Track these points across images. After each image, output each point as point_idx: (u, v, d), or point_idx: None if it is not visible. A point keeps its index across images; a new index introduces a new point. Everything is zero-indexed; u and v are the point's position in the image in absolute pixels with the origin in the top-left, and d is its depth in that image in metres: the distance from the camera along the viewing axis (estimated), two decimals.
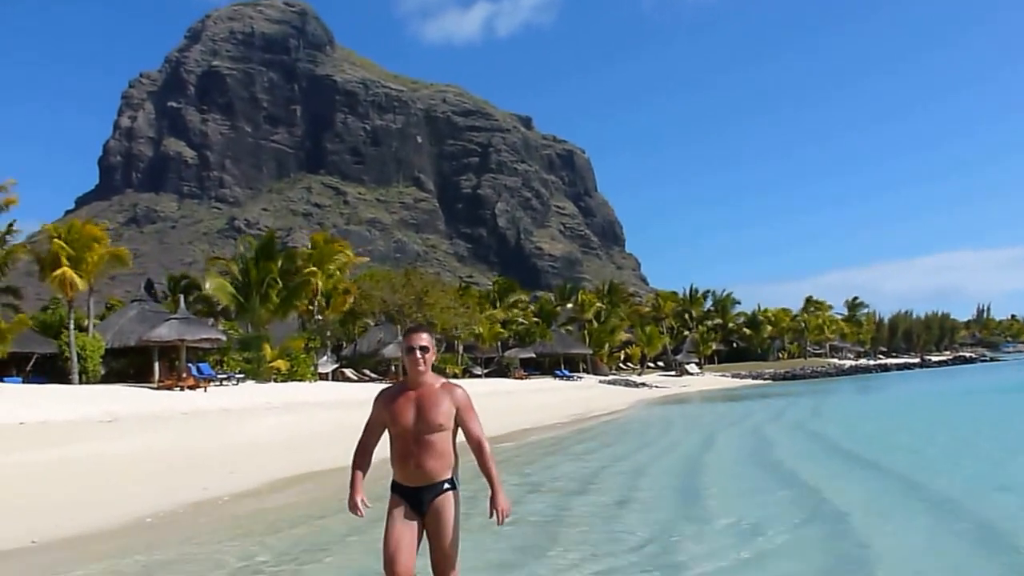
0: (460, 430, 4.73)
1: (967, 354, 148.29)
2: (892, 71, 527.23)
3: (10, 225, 35.69)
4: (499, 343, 78.25)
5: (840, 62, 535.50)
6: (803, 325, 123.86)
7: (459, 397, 4.71)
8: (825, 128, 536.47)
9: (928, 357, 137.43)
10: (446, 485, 4.64)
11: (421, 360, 4.68)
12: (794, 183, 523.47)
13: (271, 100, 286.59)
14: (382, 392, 4.93)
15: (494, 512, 4.57)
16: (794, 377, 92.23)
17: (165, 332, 40.87)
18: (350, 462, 4.84)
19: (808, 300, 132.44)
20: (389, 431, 4.74)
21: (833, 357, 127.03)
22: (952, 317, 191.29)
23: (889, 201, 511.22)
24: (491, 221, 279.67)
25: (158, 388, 37.35)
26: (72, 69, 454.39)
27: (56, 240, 37.39)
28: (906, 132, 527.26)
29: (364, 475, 4.85)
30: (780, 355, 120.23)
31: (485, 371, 73.84)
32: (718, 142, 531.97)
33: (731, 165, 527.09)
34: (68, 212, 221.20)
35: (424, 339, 4.74)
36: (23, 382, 36.28)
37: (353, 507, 4.76)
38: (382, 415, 4.76)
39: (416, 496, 4.63)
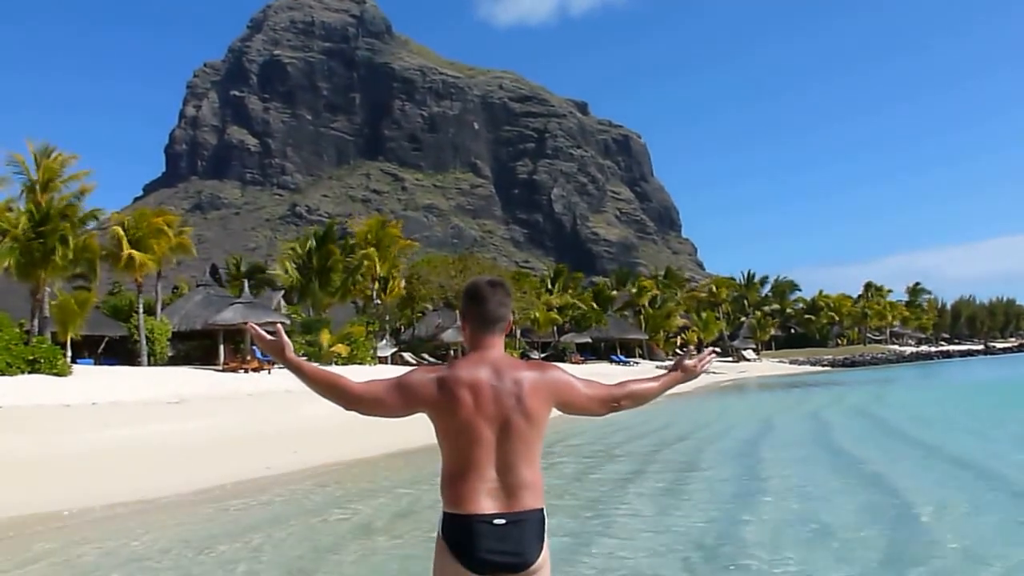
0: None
1: None
2: (958, 35, 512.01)
3: (91, 212, 36.67)
4: (555, 328, 78.39)
5: (901, 26, 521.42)
6: (864, 312, 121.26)
7: None
8: (876, 98, 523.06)
9: (992, 344, 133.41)
10: None
11: None
12: (849, 157, 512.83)
13: (331, 88, 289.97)
14: None
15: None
16: (853, 364, 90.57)
17: (230, 316, 41.96)
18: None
19: (868, 285, 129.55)
20: None
21: (893, 343, 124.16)
22: (1018, 303, 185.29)
23: (950, 178, 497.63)
24: (547, 206, 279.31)
25: (223, 370, 38.44)
26: (141, 60, 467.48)
27: (117, 228, 38.28)
28: (966, 102, 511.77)
29: None
30: (839, 341, 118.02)
31: (542, 356, 74.08)
32: (785, 106, 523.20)
33: (783, 139, 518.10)
34: (137, 199, 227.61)
35: None
36: (95, 363, 37.65)
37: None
38: None
39: None
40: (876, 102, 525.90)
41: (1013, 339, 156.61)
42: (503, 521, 2.91)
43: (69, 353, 34.32)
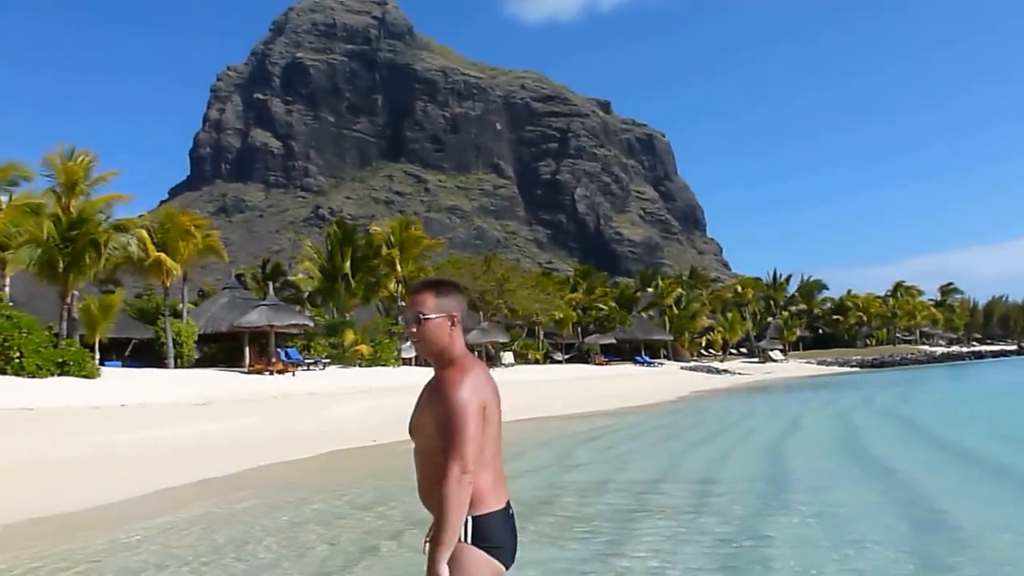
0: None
1: None
2: (984, 33, 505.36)
3: (118, 225, 36.79)
4: (579, 329, 78.14)
5: (920, 26, 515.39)
6: (894, 312, 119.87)
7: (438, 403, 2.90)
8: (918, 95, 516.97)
9: None
10: None
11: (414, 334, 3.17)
12: (876, 158, 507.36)
13: (353, 90, 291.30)
14: None
15: None
16: (882, 364, 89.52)
17: (255, 318, 42.19)
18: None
19: (898, 285, 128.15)
20: None
21: (924, 344, 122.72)
22: None
23: (978, 177, 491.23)
24: (570, 207, 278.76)
25: (249, 372, 38.61)
26: (165, 63, 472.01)
27: (141, 230, 38.28)
28: (990, 103, 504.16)
29: None
30: (868, 342, 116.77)
31: (566, 357, 73.95)
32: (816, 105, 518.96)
33: (812, 136, 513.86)
34: (162, 202, 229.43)
35: (419, 302, 3.16)
36: (122, 366, 37.97)
37: None
38: None
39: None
40: (899, 103, 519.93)
41: None
42: (512, 510, 2.98)
43: (97, 356, 34.62)
